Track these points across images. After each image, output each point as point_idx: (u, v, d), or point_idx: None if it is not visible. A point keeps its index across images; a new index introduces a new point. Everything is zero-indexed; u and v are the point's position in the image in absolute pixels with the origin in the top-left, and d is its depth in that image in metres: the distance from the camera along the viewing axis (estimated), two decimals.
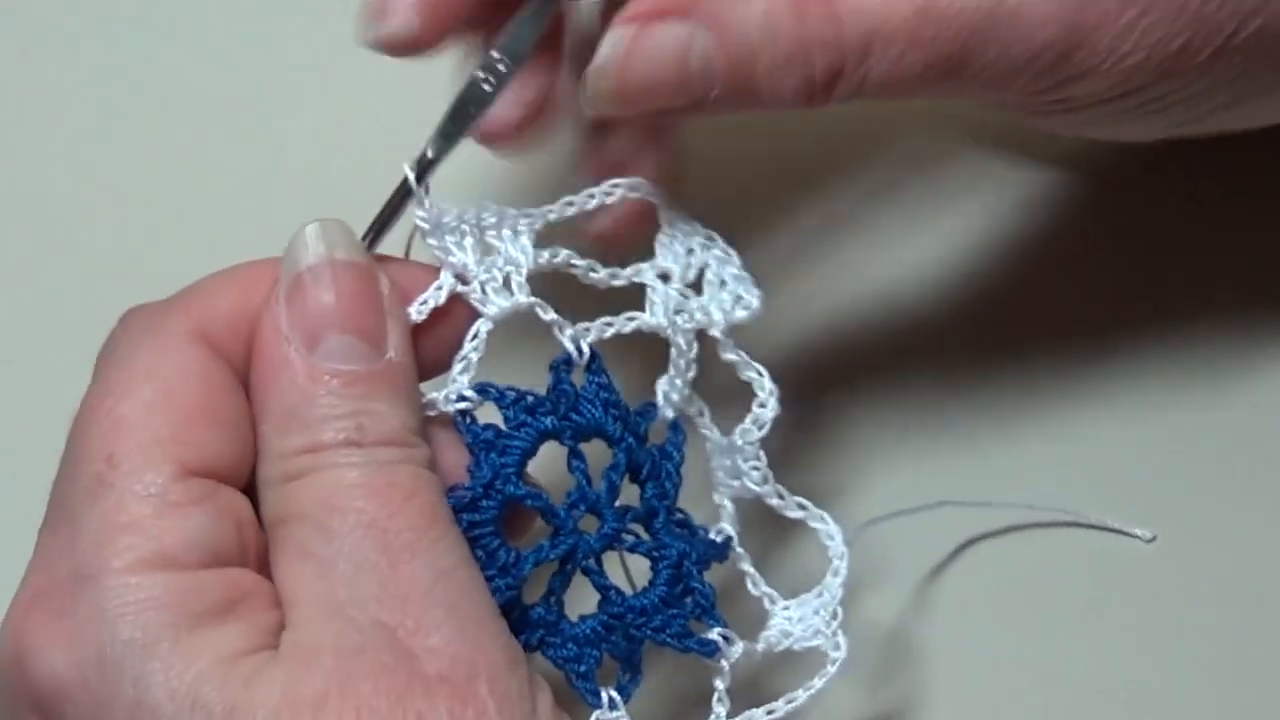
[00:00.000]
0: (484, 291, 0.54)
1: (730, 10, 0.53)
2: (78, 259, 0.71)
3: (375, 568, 0.48)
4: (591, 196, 0.56)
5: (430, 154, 0.55)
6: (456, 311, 0.54)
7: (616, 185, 0.56)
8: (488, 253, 0.55)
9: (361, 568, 0.48)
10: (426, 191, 0.54)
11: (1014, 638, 0.65)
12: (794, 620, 0.56)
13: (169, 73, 0.74)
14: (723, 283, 0.56)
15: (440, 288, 0.54)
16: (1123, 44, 0.54)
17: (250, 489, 0.51)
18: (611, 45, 0.53)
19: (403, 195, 0.54)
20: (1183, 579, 0.65)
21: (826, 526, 0.57)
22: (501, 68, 0.55)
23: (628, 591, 0.55)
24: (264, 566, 0.50)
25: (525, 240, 0.55)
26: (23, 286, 0.71)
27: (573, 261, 0.55)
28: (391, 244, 0.55)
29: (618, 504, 0.54)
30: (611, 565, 0.55)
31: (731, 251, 0.57)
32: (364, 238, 0.54)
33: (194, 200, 0.72)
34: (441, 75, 0.59)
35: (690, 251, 0.57)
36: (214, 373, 0.51)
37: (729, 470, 0.57)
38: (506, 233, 0.55)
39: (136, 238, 0.71)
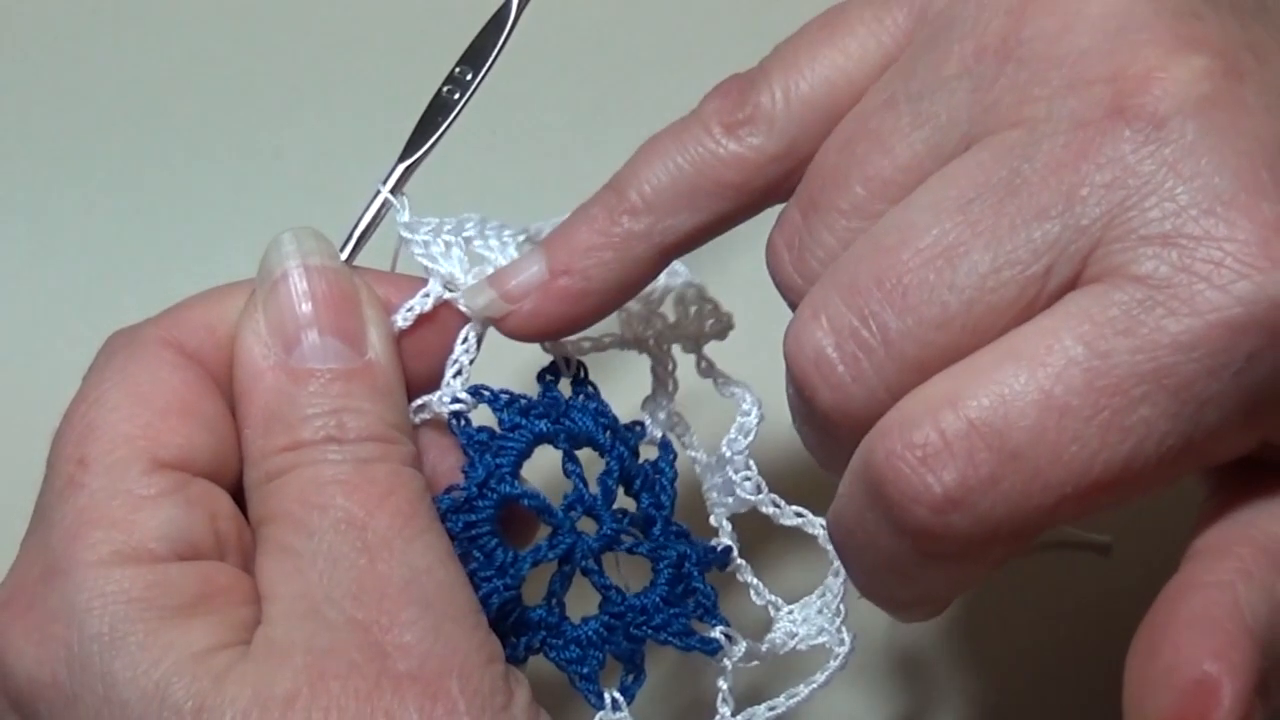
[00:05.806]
0: None
1: None
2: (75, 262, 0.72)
3: (353, 565, 0.48)
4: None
5: (402, 165, 0.55)
6: (447, 321, 0.54)
7: None
8: (476, 262, 0.54)
9: (339, 564, 0.48)
10: (405, 203, 0.54)
11: (1010, 638, 0.64)
12: (798, 622, 0.56)
13: (166, 76, 0.75)
14: (690, 303, 0.56)
15: (427, 295, 0.54)
16: None
17: (238, 495, 0.51)
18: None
19: (379, 206, 0.54)
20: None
21: (825, 531, 0.56)
22: (467, 78, 0.56)
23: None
24: (248, 564, 0.50)
25: (513, 250, 0.55)
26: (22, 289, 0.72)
27: None
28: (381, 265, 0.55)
29: (616, 508, 0.54)
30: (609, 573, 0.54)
31: (685, 270, 0.56)
32: (342, 248, 0.54)
33: (190, 211, 0.73)
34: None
35: None
36: (186, 372, 0.51)
37: (722, 487, 0.56)
38: (494, 243, 0.55)
39: (131, 244, 0.72)
